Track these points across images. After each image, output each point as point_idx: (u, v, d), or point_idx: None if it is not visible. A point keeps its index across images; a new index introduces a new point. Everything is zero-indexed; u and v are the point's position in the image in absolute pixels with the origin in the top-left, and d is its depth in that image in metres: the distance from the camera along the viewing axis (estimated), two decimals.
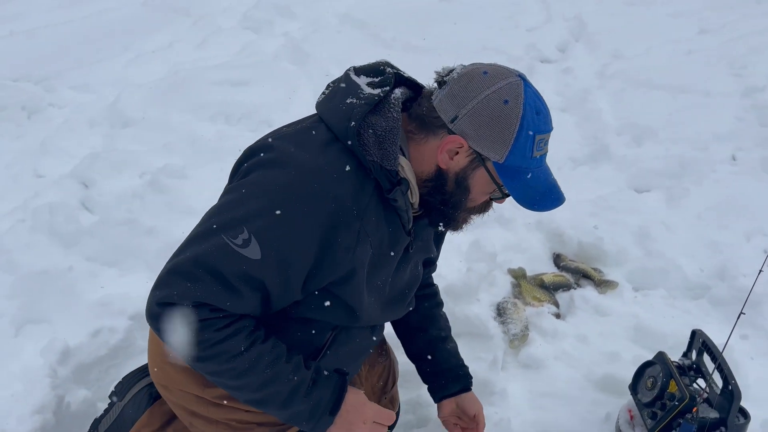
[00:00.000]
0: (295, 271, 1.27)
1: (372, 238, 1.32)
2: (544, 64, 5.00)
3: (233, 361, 1.28)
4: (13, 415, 1.88)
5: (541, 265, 2.73)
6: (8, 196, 3.06)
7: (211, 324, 1.25)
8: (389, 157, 1.28)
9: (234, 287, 1.24)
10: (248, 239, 1.23)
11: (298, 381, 1.33)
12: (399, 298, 1.55)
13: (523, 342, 2.29)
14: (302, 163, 1.27)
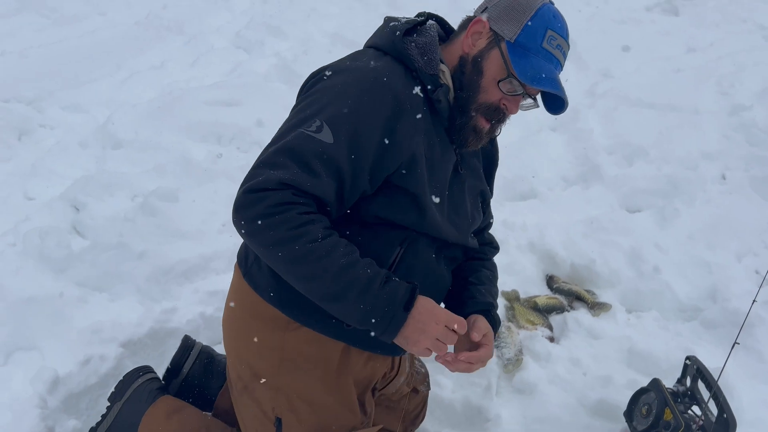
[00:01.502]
0: (365, 154, 1.38)
1: (424, 136, 1.45)
2: None
3: (312, 245, 1.33)
4: None
5: (534, 287, 2.74)
6: None
7: (294, 207, 1.33)
8: (431, 63, 1.46)
9: (313, 169, 1.35)
10: (321, 125, 1.36)
11: (373, 274, 1.37)
12: (460, 220, 1.59)
13: (517, 366, 2.28)
14: (359, 67, 1.44)
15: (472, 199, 1.65)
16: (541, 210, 3.19)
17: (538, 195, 3.36)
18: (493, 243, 1.89)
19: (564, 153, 3.85)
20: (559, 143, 3.97)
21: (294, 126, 1.39)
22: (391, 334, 1.38)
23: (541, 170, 3.60)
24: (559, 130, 4.19)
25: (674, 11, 6.37)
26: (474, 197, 1.67)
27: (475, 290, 1.71)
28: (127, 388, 1.85)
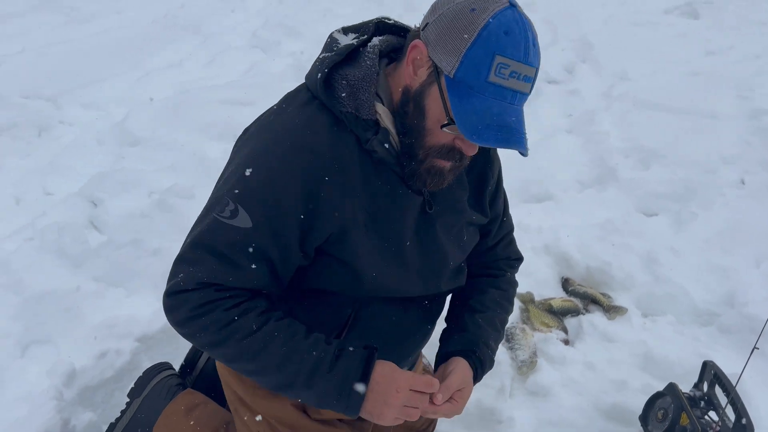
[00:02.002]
0: (289, 231, 1.25)
1: (361, 195, 1.28)
2: (551, 85, 5.01)
3: (245, 341, 1.25)
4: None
5: (549, 290, 2.72)
6: (16, 214, 3.06)
7: (219, 304, 1.25)
8: (363, 106, 1.25)
9: (233, 260, 1.24)
10: (235, 209, 1.23)
11: (318, 356, 1.26)
12: (432, 269, 1.43)
13: (531, 369, 2.27)
14: (277, 127, 1.28)
15: (454, 236, 1.46)
16: (556, 212, 3.18)
17: (553, 197, 3.34)
18: (511, 257, 1.69)
19: (579, 156, 3.83)
20: (574, 146, 3.95)
21: (209, 209, 1.28)
22: (353, 411, 1.28)
23: (556, 173, 3.58)
24: (574, 132, 4.17)
25: (693, 14, 6.33)
26: (456, 232, 1.46)
27: (469, 320, 1.54)
28: (146, 384, 1.85)
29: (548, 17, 6.47)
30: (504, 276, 1.66)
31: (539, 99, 4.73)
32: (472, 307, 1.56)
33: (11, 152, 3.60)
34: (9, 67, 4.72)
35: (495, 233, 1.61)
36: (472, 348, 1.49)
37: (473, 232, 1.52)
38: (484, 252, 1.62)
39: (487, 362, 1.52)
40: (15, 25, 5.61)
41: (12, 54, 4.94)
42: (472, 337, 1.51)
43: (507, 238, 1.67)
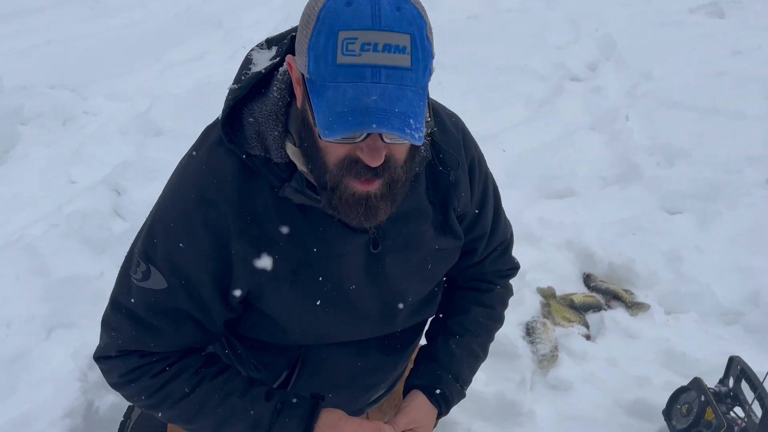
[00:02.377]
0: (205, 290, 1.16)
1: (283, 245, 1.14)
2: (574, 83, 4.97)
3: (179, 405, 1.21)
4: (44, 418, 1.90)
5: (571, 285, 2.70)
6: (42, 201, 3.11)
7: (146, 370, 1.20)
8: (272, 147, 1.09)
9: (152, 325, 1.17)
10: (147, 270, 1.15)
11: (256, 415, 1.20)
12: (384, 310, 1.30)
13: (552, 363, 2.25)
14: (183, 178, 1.16)
15: (414, 270, 1.29)
16: (579, 208, 3.15)
17: (576, 193, 3.32)
18: (503, 268, 1.53)
19: (602, 153, 3.80)
20: (597, 143, 3.91)
21: (125, 266, 1.20)
22: None
23: (578, 169, 3.55)
24: (597, 129, 4.13)
25: (719, 14, 6.24)
26: (417, 265, 1.30)
27: (442, 346, 1.41)
28: None
29: (571, 15, 6.43)
30: (492, 291, 1.51)
31: (561, 96, 4.70)
32: (450, 330, 1.44)
33: (37, 141, 3.66)
34: (35, 58, 4.78)
35: (482, 251, 1.45)
36: (436, 385, 1.38)
37: (444, 258, 1.35)
38: (469, 267, 1.47)
39: (454, 397, 1.42)
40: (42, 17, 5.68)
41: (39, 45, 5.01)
42: (440, 370, 1.39)
43: (497, 251, 1.49)
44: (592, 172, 3.56)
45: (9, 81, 4.00)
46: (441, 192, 1.29)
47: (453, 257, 1.38)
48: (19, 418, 1.88)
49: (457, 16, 6.44)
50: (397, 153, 1.04)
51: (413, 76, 0.95)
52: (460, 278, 1.50)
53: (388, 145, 1.01)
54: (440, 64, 4.33)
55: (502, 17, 6.41)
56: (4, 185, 3.27)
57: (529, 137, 3.89)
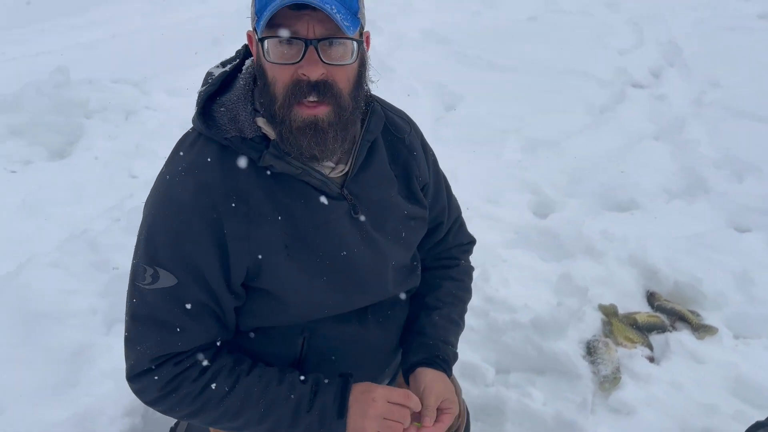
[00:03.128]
0: (212, 275, 1.21)
1: (272, 219, 1.22)
2: (636, 89, 4.84)
3: (223, 405, 1.24)
4: (105, 414, 1.93)
5: (634, 303, 2.61)
6: (105, 195, 3.17)
7: (185, 377, 1.23)
8: (245, 126, 1.20)
9: (174, 325, 1.21)
10: (154, 273, 1.19)
11: (297, 398, 1.25)
12: (374, 273, 1.36)
13: (614, 385, 2.18)
14: (167, 175, 1.23)
15: (391, 234, 1.37)
16: (643, 222, 3.05)
17: (639, 206, 3.22)
18: (463, 242, 1.63)
19: (667, 164, 3.67)
20: (662, 153, 3.79)
21: (133, 279, 1.23)
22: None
23: (641, 180, 3.44)
24: (662, 139, 4.00)
25: None
26: (392, 230, 1.37)
27: (425, 320, 1.48)
28: None
29: (633, 18, 6.26)
30: (458, 265, 1.60)
31: (623, 103, 4.58)
32: (428, 305, 1.51)
33: (101, 134, 3.74)
34: (101, 51, 4.90)
35: (446, 224, 1.55)
36: (434, 353, 1.43)
37: (415, 227, 1.43)
38: (437, 244, 1.57)
39: (451, 359, 1.47)
40: (107, 11, 5.82)
41: (104, 39, 5.13)
42: (431, 341, 1.45)
43: (456, 224, 1.61)
44: (657, 183, 3.45)
45: (76, 74, 4.10)
46: (401, 162, 1.39)
47: (422, 227, 1.46)
48: (82, 414, 1.91)
49: (516, 17, 6.34)
50: (338, 75, 1.15)
51: None
52: (429, 258, 1.58)
53: (328, 66, 1.13)
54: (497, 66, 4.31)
55: (562, 19, 6.28)
56: (70, 176, 3.35)
57: (590, 145, 3.79)
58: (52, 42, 5.17)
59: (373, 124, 1.30)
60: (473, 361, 2.30)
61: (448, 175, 1.63)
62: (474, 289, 2.47)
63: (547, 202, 3.32)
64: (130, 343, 1.24)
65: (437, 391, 1.35)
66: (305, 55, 1.12)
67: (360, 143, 1.29)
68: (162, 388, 1.23)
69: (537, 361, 2.28)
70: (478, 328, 2.38)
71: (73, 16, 5.66)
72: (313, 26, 1.11)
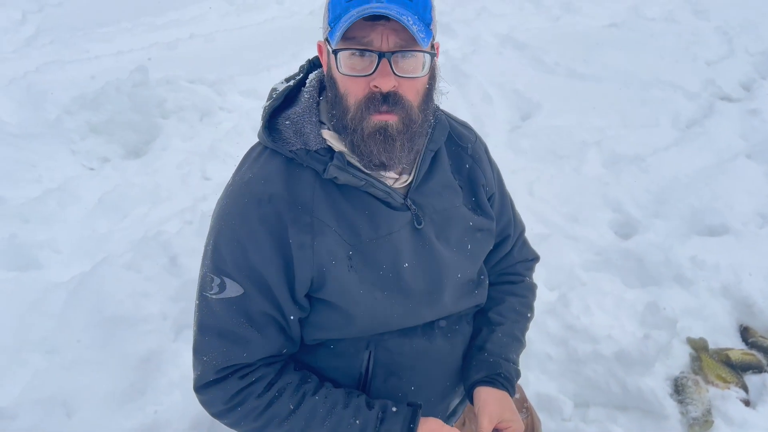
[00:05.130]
0: (276, 286, 1.21)
1: (336, 230, 1.22)
2: (725, 103, 4.55)
3: (287, 423, 1.23)
4: (171, 427, 1.91)
5: (725, 339, 2.42)
6: (178, 196, 3.19)
7: (250, 392, 1.23)
8: (310, 138, 1.22)
9: (239, 335, 1.22)
10: (221, 283, 1.21)
11: (363, 424, 1.23)
12: (437, 287, 1.33)
13: (705, 429, 2.02)
14: (234, 187, 1.26)
15: (456, 246, 1.35)
16: (736, 249, 2.83)
17: (731, 231, 2.99)
18: (528, 258, 1.60)
19: (762, 185, 3.41)
20: (756, 173, 3.52)
21: (200, 290, 1.25)
22: None
23: (734, 203, 3.21)
24: (755, 158, 3.73)
25: None
26: (458, 242, 1.36)
27: (487, 336, 1.44)
28: None
29: (723, 26, 5.91)
30: (522, 282, 1.57)
31: (712, 117, 4.31)
32: (490, 320, 1.48)
33: (177, 134, 3.78)
34: (179, 52, 4.98)
35: (513, 237, 1.54)
36: (496, 371, 1.40)
37: (481, 239, 1.41)
38: (502, 259, 1.55)
39: (513, 376, 1.44)
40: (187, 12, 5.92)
41: (183, 39, 5.21)
42: (492, 358, 1.42)
43: (521, 239, 1.59)
44: (751, 207, 3.21)
45: (154, 73, 4.16)
46: (465, 172, 1.39)
47: (489, 240, 1.43)
48: (149, 425, 1.89)
49: (597, 23, 6.10)
50: (408, 89, 1.16)
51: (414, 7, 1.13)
52: (493, 273, 1.55)
53: (399, 79, 1.13)
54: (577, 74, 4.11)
55: (646, 26, 6.00)
56: (146, 176, 3.39)
57: (677, 162, 3.57)
58: (134, 41, 5.29)
59: (437, 134, 1.31)
60: (550, 393, 2.17)
61: (524, 189, 1.56)
62: (553, 314, 2.37)
63: (631, 222, 3.14)
64: (197, 354, 1.26)
65: (490, 411, 1.33)
66: (378, 67, 1.13)
67: (423, 153, 1.29)
68: (227, 401, 1.23)
69: (620, 397, 2.13)
70: (556, 357, 2.25)
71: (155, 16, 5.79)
72: (387, 37, 1.12)
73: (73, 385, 2.10)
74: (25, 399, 1.99)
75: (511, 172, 3.41)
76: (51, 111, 3.94)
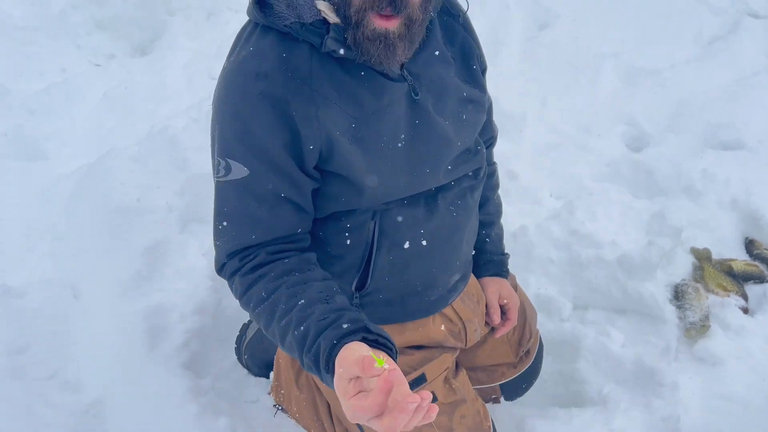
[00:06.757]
0: (284, 161, 1.19)
1: (337, 101, 1.20)
2: (751, 19, 4.36)
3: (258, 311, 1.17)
4: (176, 311, 1.94)
5: (730, 250, 2.41)
6: (184, 94, 3.14)
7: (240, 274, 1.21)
8: (304, 10, 1.17)
9: (247, 215, 1.21)
10: (227, 165, 1.19)
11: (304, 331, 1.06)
12: (438, 155, 1.33)
13: (701, 333, 2.03)
14: (229, 68, 1.22)
15: (451, 116, 1.35)
16: (749, 164, 2.78)
17: (746, 147, 2.93)
18: (495, 135, 1.67)
19: None
20: None
21: (213, 175, 1.24)
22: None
23: (751, 120, 3.12)
24: None
25: None
26: (452, 112, 1.35)
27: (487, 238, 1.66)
28: None
29: None
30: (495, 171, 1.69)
31: (736, 33, 4.15)
32: (483, 222, 1.64)
33: (183, 32, 3.68)
34: None
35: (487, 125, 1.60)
36: (502, 269, 1.69)
37: (473, 110, 1.41)
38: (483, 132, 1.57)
39: (508, 265, 1.73)
40: None
41: None
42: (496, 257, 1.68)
43: (491, 142, 1.68)
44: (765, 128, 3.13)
45: None
46: (458, 43, 1.38)
47: (481, 112, 1.44)
48: (154, 306, 1.93)
49: None
50: None
51: None
52: None
53: None
54: None
55: None
56: (151, 74, 3.33)
57: (697, 78, 3.46)
58: None
59: (432, 6, 1.25)
60: (550, 294, 2.19)
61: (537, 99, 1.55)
62: (558, 220, 2.36)
63: (643, 136, 3.08)
64: (214, 241, 1.27)
65: (491, 290, 1.64)
66: None
67: None
68: (228, 281, 1.24)
69: (619, 301, 2.15)
70: (558, 261, 2.26)
71: None
72: None
73: (80, 270, 2.13)
74: (33, 280, 2.02)
75: (525, 81, 3.33)
76: (55, 4, 3.83)
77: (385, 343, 1.01)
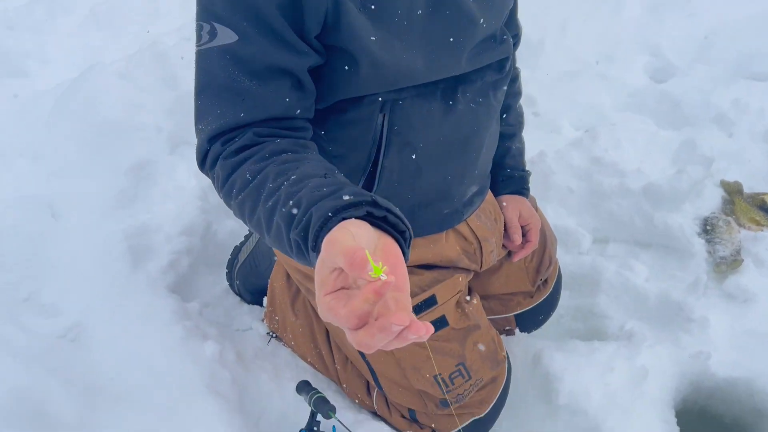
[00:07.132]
0: (280, 23, 0.97)
1: None
2: None
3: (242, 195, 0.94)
4: (163, 231, 1.79)
5: (762, 183, 2.24)
6: (175, 13, 2.93)
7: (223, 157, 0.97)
8: None
9: (235, 89, 0.98)
10: (212, 29, 0.97)
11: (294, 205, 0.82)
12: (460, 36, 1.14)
13: (732, 268, 1.88)
14: None
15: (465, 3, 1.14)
16: None
17: None
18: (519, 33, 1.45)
19: None
20: None
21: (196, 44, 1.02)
22: None
23: None
24: None
25: None
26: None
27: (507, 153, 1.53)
28: None
29: None
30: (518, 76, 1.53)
31: None
32: (503, 133, 1.48)
33: None
34: None
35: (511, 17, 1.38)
36: (523, 186, 1.56)
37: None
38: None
39: (529, 181, 1.59)
40: None
41: None
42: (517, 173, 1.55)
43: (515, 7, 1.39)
44: None
45: None
46: None
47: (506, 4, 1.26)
48: (139, 226, 1.77)
49: None
50: None
51: None
52: None
53: None
54: None
55: None
56: None
57: (727, 7, 3.23)
58: None
59: None
60: (567, 225, 2.03)
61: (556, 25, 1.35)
62: (579, 147, 2.18)
63: (667, 67, 2.88)
64: (195, 125, 1.04)
65: (511, 208, 1.50)
66: None
67: None
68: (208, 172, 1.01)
69: (644, 233, 2.00)
70: (578, 190, 2.09)
71: None
72: None
73: (60, 189, 1.96)
74: (7, 197, 1.86)
75: (544, 6, 3.10)
76: None
77: (396, 224, 0.76)
